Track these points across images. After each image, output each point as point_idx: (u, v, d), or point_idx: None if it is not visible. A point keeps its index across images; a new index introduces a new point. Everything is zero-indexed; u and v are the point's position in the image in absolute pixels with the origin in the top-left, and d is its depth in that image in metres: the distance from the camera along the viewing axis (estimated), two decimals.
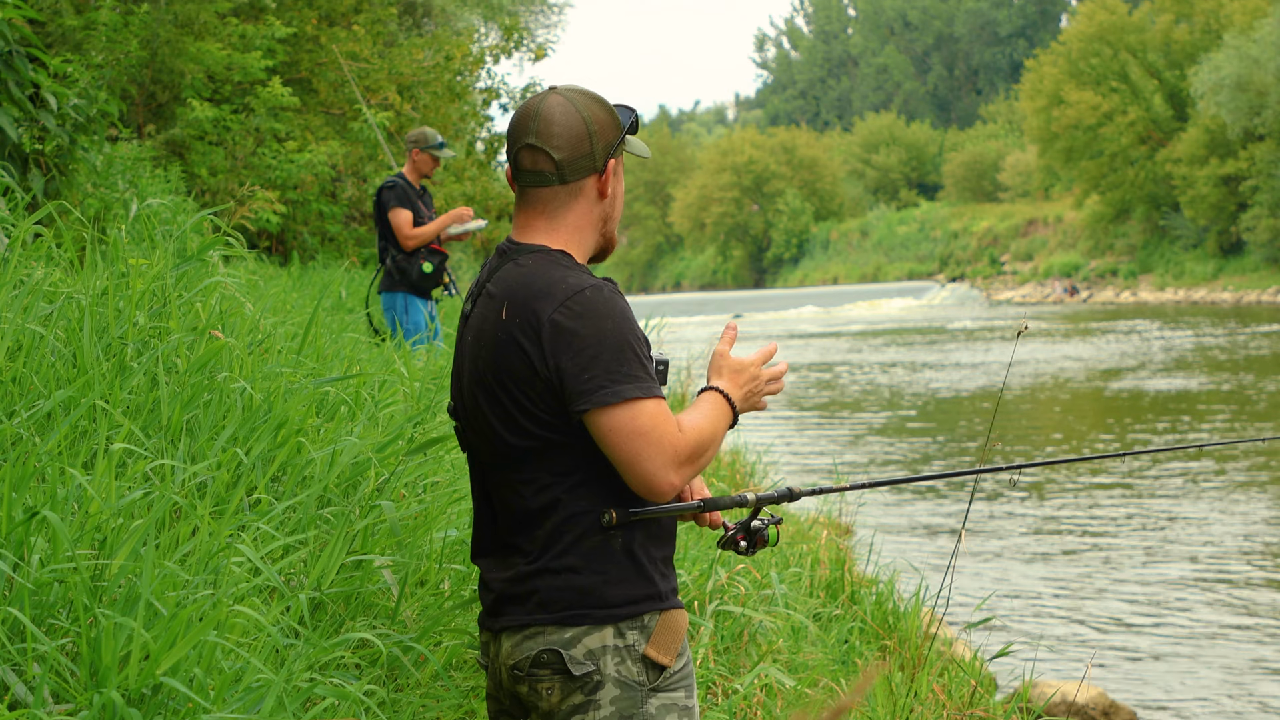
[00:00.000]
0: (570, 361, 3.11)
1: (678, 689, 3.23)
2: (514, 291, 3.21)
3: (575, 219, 3.32)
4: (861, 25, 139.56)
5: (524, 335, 3.16)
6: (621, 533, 3.19)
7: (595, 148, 3.29)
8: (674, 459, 3.12)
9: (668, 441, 3.12)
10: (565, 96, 3.30)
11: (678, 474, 3.13)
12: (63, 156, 8.74)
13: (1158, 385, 27.34)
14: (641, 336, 3.20)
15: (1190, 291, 66.52)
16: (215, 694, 3.19)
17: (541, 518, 3.20)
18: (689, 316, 54.51)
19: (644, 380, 3.13)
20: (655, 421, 3.11)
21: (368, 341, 9.31)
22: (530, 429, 3.18)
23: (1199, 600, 11.67)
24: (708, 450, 3.20)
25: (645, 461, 3.11)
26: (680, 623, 3.25)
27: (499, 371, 3.20)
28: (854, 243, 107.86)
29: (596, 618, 3.17)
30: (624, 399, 3.09)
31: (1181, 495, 16.05)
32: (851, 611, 7.27)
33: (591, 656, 3.16)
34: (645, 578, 3.22)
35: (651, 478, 3.11)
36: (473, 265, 34.63)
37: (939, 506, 15.72)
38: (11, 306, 4.69)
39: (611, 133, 3.32)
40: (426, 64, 19.86)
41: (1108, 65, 75.02)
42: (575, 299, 3.14)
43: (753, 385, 3.35)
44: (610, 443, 3.12)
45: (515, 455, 3.22)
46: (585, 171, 3.30)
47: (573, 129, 3.27)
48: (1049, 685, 8.66)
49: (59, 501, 3.56)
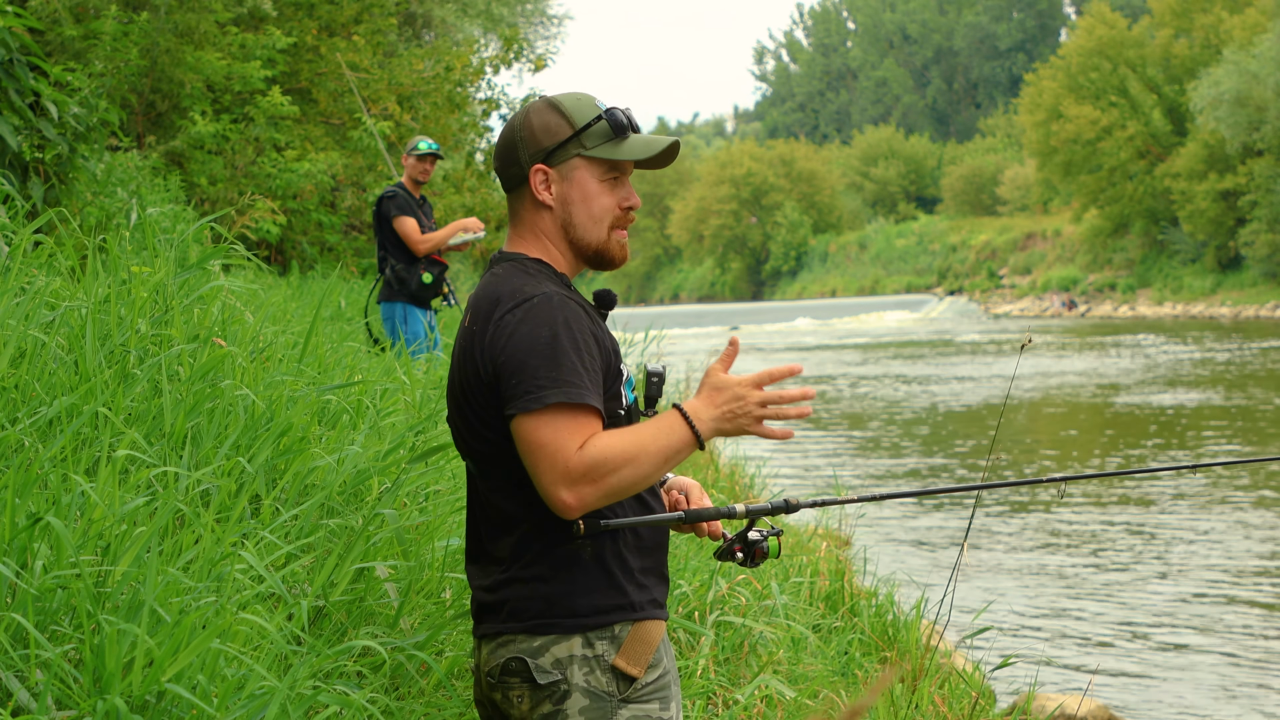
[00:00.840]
0: (504, 366, 3.11)
1: (651, 700, 3.21)
2: (478, 300, 3.25)
3: (530, 226, 3.34)
4: (860, 38, 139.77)
5: (477, 341, 3.18)
6: (591, 542, 3.17)
7: (521, 155, 3.31)
8: (565, 475, 3.02)
9: (561, 457, 3.03)
10: (525, 106, 3.36)
11: (571, 492, 3.03)
12: (63, 165, 8.75)
13: (1165, 400, 27.33)
14: (586, 347, 3.14)
15: (1188, 306, 66.58)
16: (219, 701, 3.18)
17: (512, 525, 3.21)
18: (686, 329, 54.50)
19: (571, 385, 3.06)
20: (555, 433, 3.04)
21: (368, 351, 9.31)
22: (488, 435, 3.19)
23: (1201, 615, 11.66)
24: (620, 469, 3.04)
25: (539, 476, 3.06)
26: (653, 634, 3.23)
27: (461, 379, 3.23)
28: (852, 255, 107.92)
29: (564, 627, 3.16)
30: (544, 404, 3.04)
31: (1184, 511, 16.04)
32: (852, 623, 7.26)
33: (559, 665, 3.15)
34: (616, 587, 3.20)
35: (545, 494, 3.06)
36: (471, 276, 34.66)
37: (937, 519, 15.71)
38: (13, 314, 4.69)
39: (546, 138, 3.30)
40: (426, 74, 19.88)
41: (1107, 80, 75.13)
42: (520, 306, 3.14)
43: (735, 405, 3.15)
44: (520, 449, 3.10)
45: (484, 462, 3.23)
46: (517, 179, 3.33)
47: (505, 138, 3.34)
48: (1048, 698, 8.64)
49: (62, 508, 3.56)
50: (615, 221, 3.34)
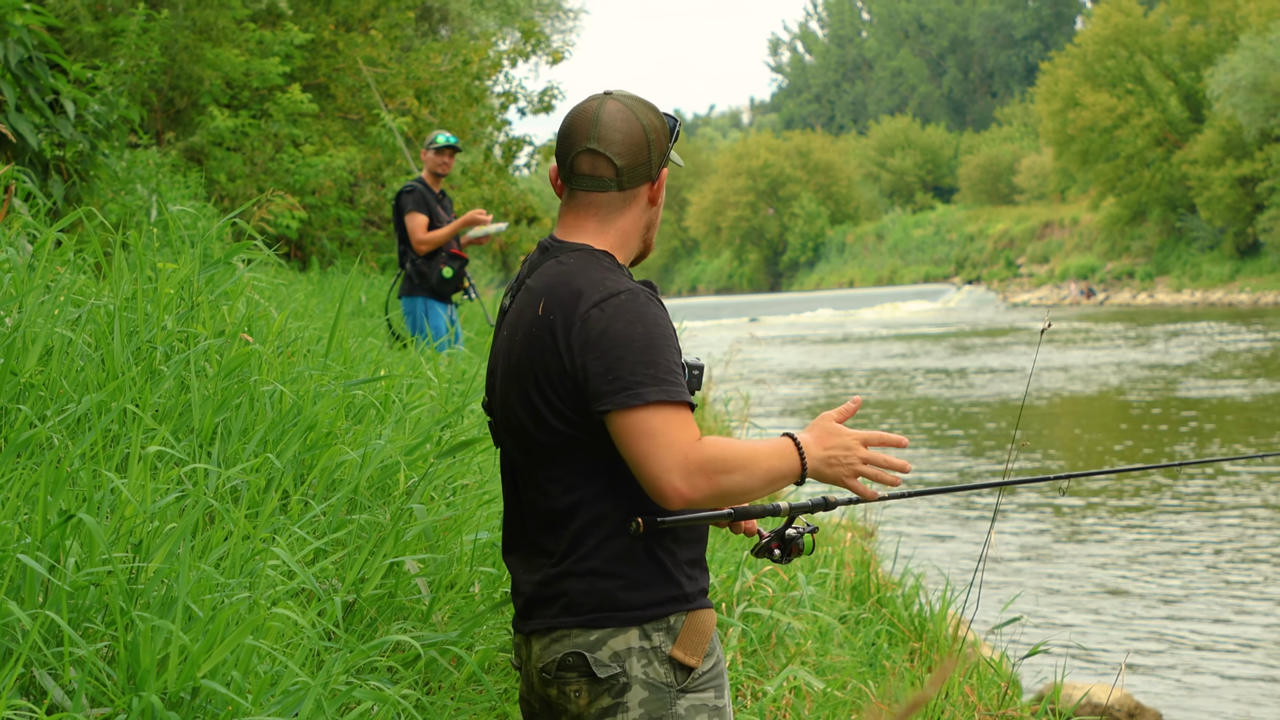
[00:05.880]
0: (596, 362, 3.08)
1: (707, 689, 3.22)
2: (552, 288, 3.20)
3: (625, 224, 3.32)
4: (876, 29, 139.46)
5: (557, 331, 3.14)
6: (645, 536, 3.17)
7: (652, 156, 3.30)
8: (682, 464, 3.01)
9: (679, 446, 3.02)
10: (623, 103, 3.30)
11: (685, 481, 3.01)
12: (84, 163, 8.76)
13: (1199, 391, 27.24)
14: (674, 344, 3.14)
15: (1207, 293, 66.40)
16: (253, 697, 3.18)
17: (567, 518, 3.19)
18: (705, 320, 54.46)
19: (669, 384, 3.06)
20: (668, 424, 3.03)
21: (390, 346, 9.30)
22: (557, 427, 3.16)
23: (1231, 610, 11.62)
24: (734, 472, 3.04)
25: (652, 463, 3.02)
26: (707, 623, 3.23)
27: (531, 367, 3.19)
28: (870, 246, 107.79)
29: (621, 620, 3.15)
30: (644, 401, 3.03)
31: (1216, 506, 15.98)
32: (879, 614, 7.25)
33: (617, 659, 3.14)
34: (670, 580, 3.19)
35: (656, 480, 3.02)
36: (489, 269, 34.67)
37: (961, 511, 15.69)
38: (40, 311, 4.69)
39: (665, 141, 3.32)
40: (444, 68, 19.87)
41: (1123, 67, 74.91)
42: (610, 300, 3.12)
43: (843, 454, 3.17)
44: (623, 443, 3.06)
45: (543, 453, 3.20)
46: (641, 179, 3.30)
47: (633, 136, 3.28)
48: (1074, 687, 8.64)
49: (93, 505, 3.56)
50: None
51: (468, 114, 20.24)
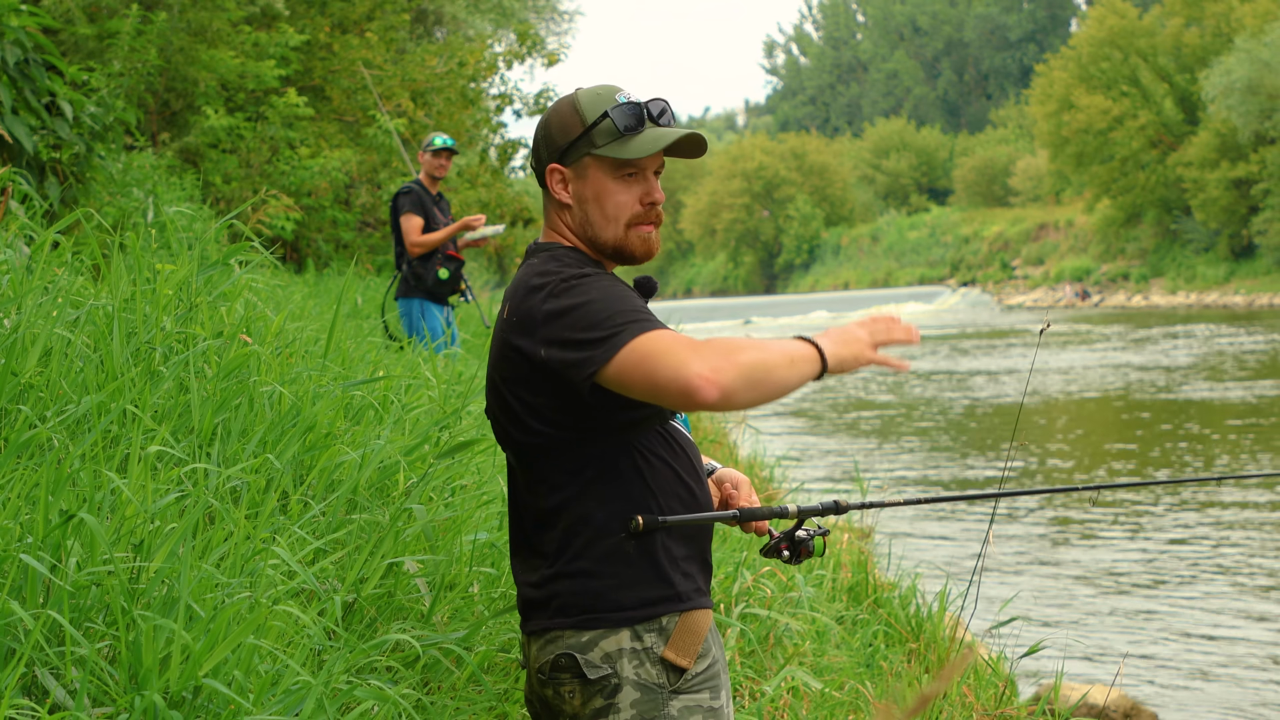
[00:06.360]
0: (560, 339, 3.03)
1: (701, 690, 3.18)
2: (515, 290, 3.21)
3: (555, 223, 3.31)
4: (871, 31, 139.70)
5: (519, 332, 3.12)
6: (637, 535, 3.14)
7: (541, 153, 3.29)
8: (695, 355, 2.87)
9: (681, 345, 2.90)
10: (555, 102, 3.32)
11: (707, 365, 2.85)
12: (80, 165, 8.75)
13: (1199, 392, 27.26)
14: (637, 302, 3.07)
15: (1202, 295, 66.47)
16: (255, 696, 3.18)
17: (555, 518, 3.17)
18: (700, 323, 54.49)
19: (641, 321, 2.98)
20: (659, 339, 2.93)
21: (386, 347, 9.31)
22: (537, 427, 3.15)
23: (1229, 614, 11.63)
24: (747, 349, 2.90)
25: (665, 371, 2.89)
26: (701, 624, 3.19)
27: (505, 370, 3.18)
28: (865, 248, 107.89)
29: (612, 621, 3.13)
30: (623, 343, 2.94)
31: (1212, 506, 16.00)
32: (876, 615, 7.26)
33: (608, 660, 3.13)
34: (663, 579, 3.16)
35: (677, 380, 2.87)
36: (485, 271, 34.67)
37: (957, 513, 15.69)
38: (39, 313, 4.69)
39: (561, 137, 3.25)
40: (439, 70, 19.87)
41: (1118, 69, 75.02)
42: (559, 285, 3.08)
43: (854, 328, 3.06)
44: (627, 383, 2.96)
45: (527, 454, 3.20)
46: (541, 177, 3.31)
47: (535, 135, 3.32)
48: (1071, 687, 8.64)
49: (94, 505, 3.56)
50: (634, 218, 3.24)
51: (463, 116, 20.25)
